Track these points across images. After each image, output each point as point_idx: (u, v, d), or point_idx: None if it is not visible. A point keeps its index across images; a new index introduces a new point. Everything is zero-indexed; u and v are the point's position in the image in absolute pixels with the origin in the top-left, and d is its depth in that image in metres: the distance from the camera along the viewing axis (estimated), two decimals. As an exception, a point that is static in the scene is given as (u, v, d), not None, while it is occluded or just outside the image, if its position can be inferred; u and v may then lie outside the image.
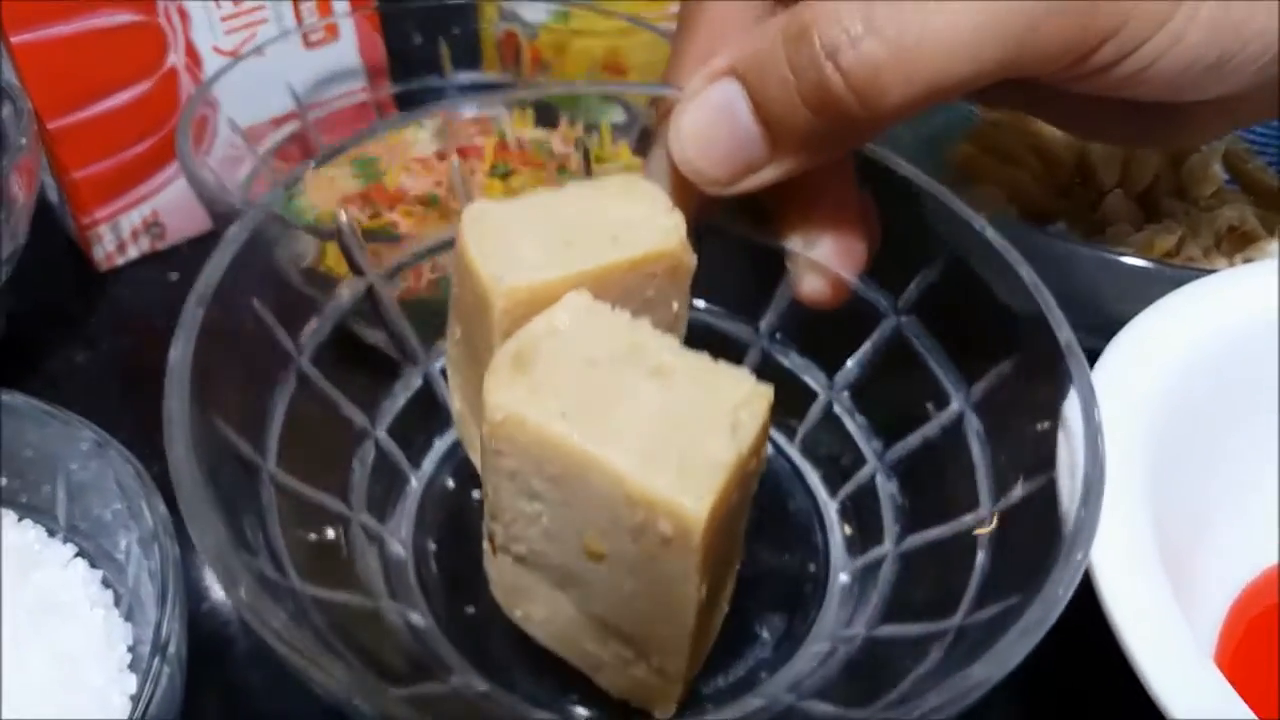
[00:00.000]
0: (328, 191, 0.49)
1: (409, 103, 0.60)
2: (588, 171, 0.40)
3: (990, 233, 0.33)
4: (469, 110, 0.56)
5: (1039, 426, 0.31)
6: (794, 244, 0.35)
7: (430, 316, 0.37)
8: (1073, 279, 0.44)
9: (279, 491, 0.30)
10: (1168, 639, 0.25)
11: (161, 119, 0.54)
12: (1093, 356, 0.30)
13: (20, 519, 0.37)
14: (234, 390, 0.30)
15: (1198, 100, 0.33)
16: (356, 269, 0.35)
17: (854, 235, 0.35)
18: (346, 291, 0.35)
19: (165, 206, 0.56)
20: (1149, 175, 0.51)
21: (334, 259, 0.40)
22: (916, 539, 0.33)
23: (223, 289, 0.29)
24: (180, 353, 0.27)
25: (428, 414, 0.37)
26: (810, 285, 0.35)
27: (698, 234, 0.39)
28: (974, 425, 0.34)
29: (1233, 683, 0.25)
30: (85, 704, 0.32)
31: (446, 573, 0.34)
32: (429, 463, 0.37)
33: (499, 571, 0.31)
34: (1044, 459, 0.30)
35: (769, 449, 0.38)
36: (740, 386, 0.27)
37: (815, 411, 0.38)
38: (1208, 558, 0.34)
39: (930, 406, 0.35)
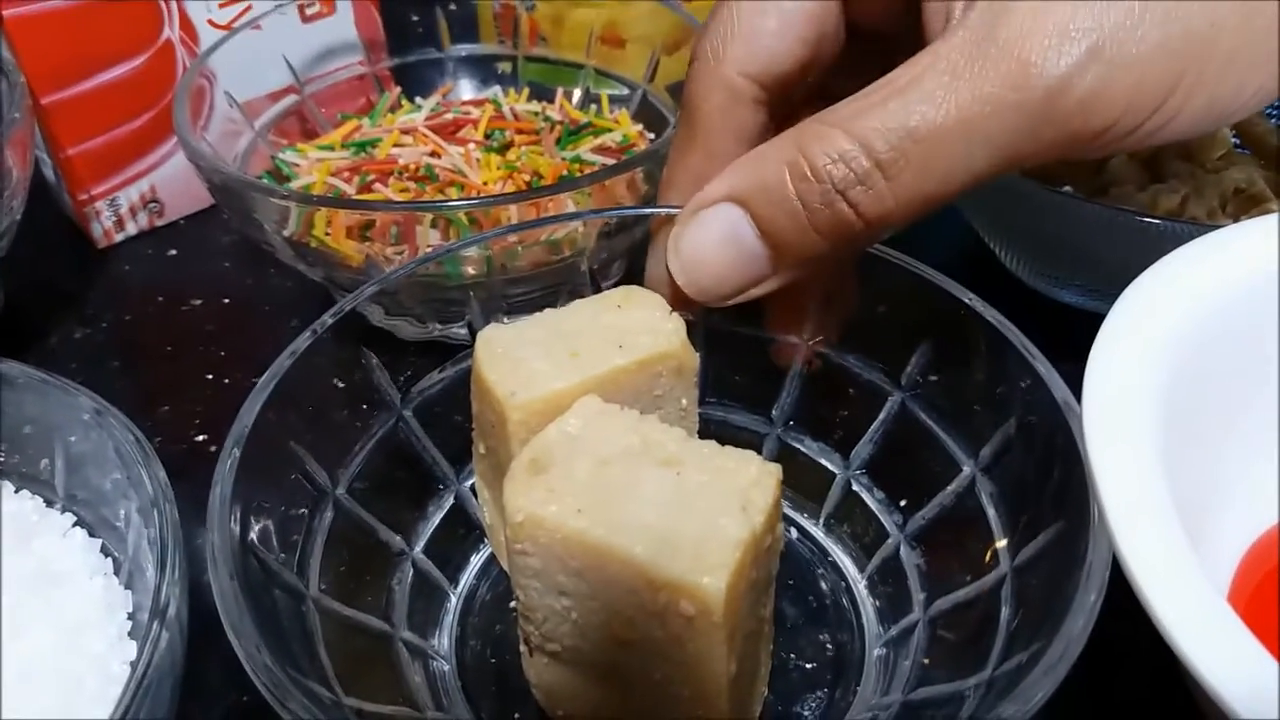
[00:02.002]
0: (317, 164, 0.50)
1: (406, 76, 0.60)
2: (595, 288, 0.42)
3: (979, 304, 0.35)
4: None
5: (1046, 481, 0.32)
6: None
7: (438, 293, 0.39)
8: (1078, 237, 0.44)
9: (323, 615, 0.31)
10: (1181, 581, 0.25)
11: (157, 94, 0.53)
12: (1097, 320, 0.30)
13: (18, 489, 0.37)
14: (274, 523, 0.31)
15: None
16: (385, 402, 0.37)
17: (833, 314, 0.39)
18: (378, 422, 0.37)
19: (163, 182, 0.55)
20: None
21: (321, 230, 0.42)
22: (944, 602, 0.34)
23: (258, 429, 0.31)
24: (220, 492, 0.29)
25: (461, 531, 0.39)
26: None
27: (704, 335, 0.41)
28: (986, 488, 0.35)
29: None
30: (85, 671, 0.31)
31: (490, 682, 0.35)
32: (466, 578, 0.38)
33: (538, 673, 0.32)
34: (1054, 511, 0.31)
35: (794, 533, 0.40)
36: (749, 467, 0.29)
37: (835, 492, 0.40)
38: (1222, 510, 0.33)
39: (943, 474, 0.36)
